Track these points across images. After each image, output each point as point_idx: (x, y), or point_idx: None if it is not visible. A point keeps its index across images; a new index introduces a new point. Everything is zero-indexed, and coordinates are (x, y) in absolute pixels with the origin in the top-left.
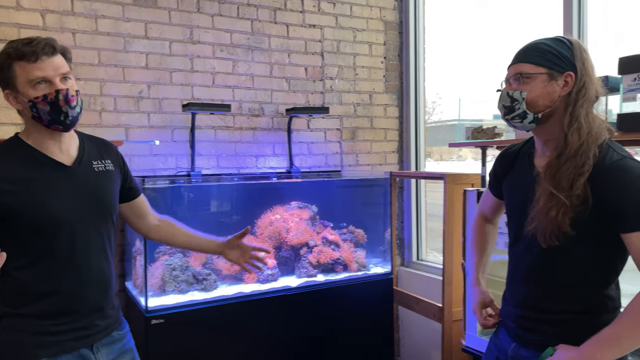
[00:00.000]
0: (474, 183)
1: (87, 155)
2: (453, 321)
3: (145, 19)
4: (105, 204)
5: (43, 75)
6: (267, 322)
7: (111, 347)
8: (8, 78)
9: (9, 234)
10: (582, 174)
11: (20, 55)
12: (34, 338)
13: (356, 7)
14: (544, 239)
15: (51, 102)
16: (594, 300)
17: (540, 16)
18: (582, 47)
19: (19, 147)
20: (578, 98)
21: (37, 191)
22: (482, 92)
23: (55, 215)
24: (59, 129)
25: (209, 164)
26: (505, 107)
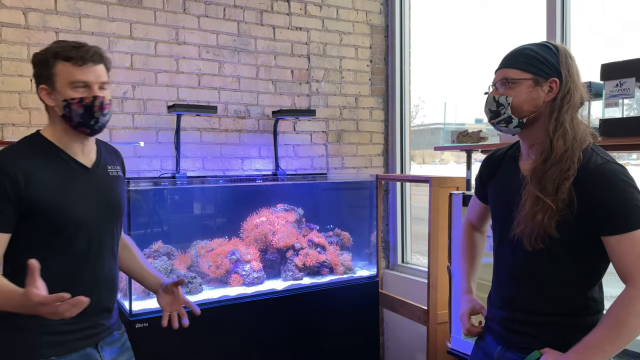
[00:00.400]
0: (459, 186)
1: (104, 159)
2: (438, 324)
3: (130, 19)
4: (118, 207)
5: (85, 80)
6: (253, 325)
7: (113, 346)
8: (49, 75)
9: (28, 230)
10: (568, 178)
11: (67, 56)
12: (43, 338)
13: (342, 11)
14: (529, 242)
15: (86, 105)
16: (577, 302)
17: (524, 21)
18: (567, 53)
19: (43, 144)
20: (563, 104)
21: (61, 190)
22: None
23: (76, 215)
24: (85, 132)
25: (194, 166)
26: (491, 112)
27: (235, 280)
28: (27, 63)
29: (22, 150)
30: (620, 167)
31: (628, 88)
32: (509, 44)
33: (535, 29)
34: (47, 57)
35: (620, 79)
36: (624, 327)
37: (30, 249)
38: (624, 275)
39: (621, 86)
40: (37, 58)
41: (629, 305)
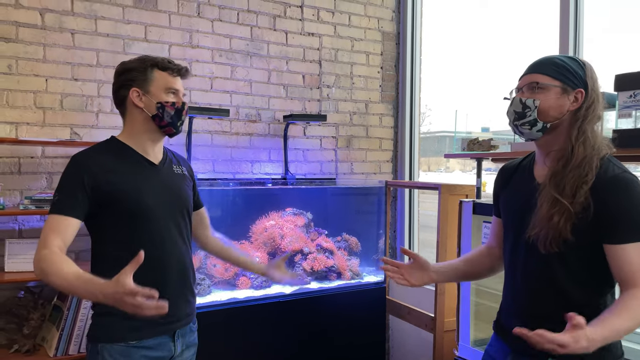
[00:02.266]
0: (468, 194)
1: (169, 159)
2: (445, 331)
3: (145, 22)
4: (184, 200)
5: (177, 88)
6: (260, 329)
7: (187, 338)
8: (146, 79)
9: (105, 218)
10: (586, 183)
11: (164, 67)
12: (124, 322)
13: (354, 17)
14: (544, 245)
15: (177, 109)
16: (590, 309)
17: (534, 33)
18: (593, 69)
19: (117, 146)
20: (587, 115)
21: (134, 182)
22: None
23: (145, 202)
24: (171, 131)
25: (205, 169)
26: (516, 113)
27: (243, 283)
28: (42, 63)
29: (98, 149)
30: (635, 177)
31: None
32: (518, 55)
33: (546, 42)
34: (146, 64)
35: (634, 90)
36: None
37: (107, 235)
38: (628, 281)
39: (635, 97)
40: (131, 65)
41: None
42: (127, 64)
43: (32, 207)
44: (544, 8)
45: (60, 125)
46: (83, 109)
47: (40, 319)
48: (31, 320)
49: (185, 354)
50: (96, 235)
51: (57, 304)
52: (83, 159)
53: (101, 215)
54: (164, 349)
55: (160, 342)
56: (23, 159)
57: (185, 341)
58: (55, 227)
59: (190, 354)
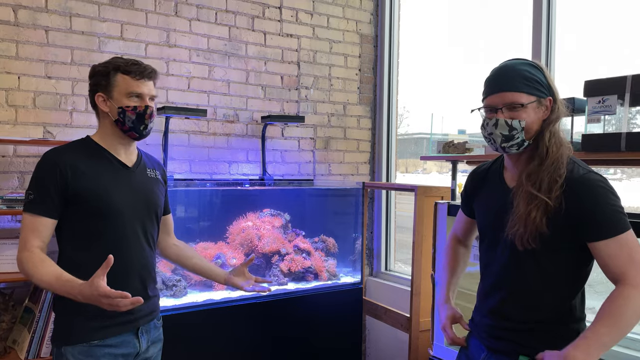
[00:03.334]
0: (443, 196)
1: (143, 163)
2: (420, 331)
3: (121, 20)
4: (154, 203)
5: (139, 92)
6: (237, 330)
7: (151, 333)
8: (107, 84)
9: (74, 217)
10: (560, 176)
11: (127, 71)
12: (85, 323)
13: (333, 19)
14: (521, 242)
15: (139, 113)
16: (561, 310)
17: (509, 35)
18: (547, 70)
19: (90, 146)
20: (557, 118)
21: (104, 182)
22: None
23: (114, 203)
24: (134, 136)
25: (182, 169)
26: (504, 136)
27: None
28: (15, 60)
29: (70, 148)
30: (600, 177)
31: (610, 105)
32: (493, 57)
33: (520, 44)
34: (108, 69)
35: (603, 95)
36: (621, 321)
37: (74, 235)
38: (615, 276)
39: (603, 103)
40: (97, 69)
41: (626, 301)
42: (95, 68)
43: (4, 207)
44: (518, 10)
45: (32, 123)
46: (57, 108)
47: (11, 321)
48: (2, 322)
49: (151, 349)
50: (62, 233)
51: (28, 305)
52: (55, 156)
53: (68, 213)
54: (129, 346)
55: (124, 340)
56: None
57: (150, 337)
58: (33, 227)
59: (156, 349)
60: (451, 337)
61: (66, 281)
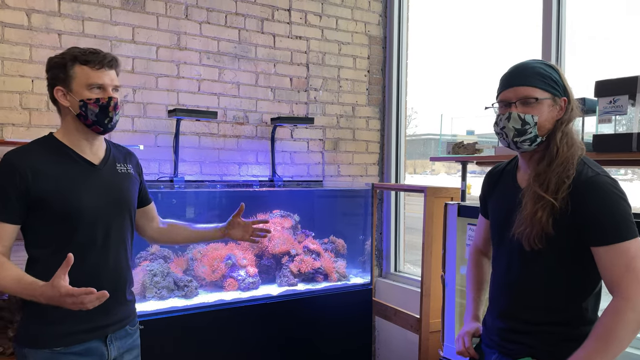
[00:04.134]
0: (453, 197)
1: (112, 158)
2: (430, 332)
3: (132, 23)
4: (125, 201)
5: (101, 83)
6: (248, 330)
7: (123, 341)
8: (66, 77)
9: (39, 221)
10: (568, 177)
11: (85, 60)
12: (49, 328)
13: (342, 21)
14: (528, 242)
15: (102, 105)
16: (571, 312)
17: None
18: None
19: (53, 144)
20: (570, 119)
21: (67, 184)
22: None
23: (81, 207)
24: (98, 130)
25: (192, 170)
26: (516, 129)
27: (230, 284)
28: (28, 64)
29: (32, 148)
30: (611, 180)
31: (621, 105)
32: (502, 58)
33: (529, 45)
34: (65, 60)
35: (614, 96)
36: (613, 338)
37: (38, 238)
38: (611, 286)
39: (614, 103)
40: (54, 61)
41: (615, 315)
42: (51, 60)
43: None
44: (528, 11)
45: (46, 126)
46: None
47: None
48: (16, 322)
49: (126, 356)
50: (28, 237)
51: None
52: (15, 158)
53: (32, 218)
54: (95, 354)
55: (90, 347)
56: None
57: (121, 344)
58: None
59: (131, 357)
60: (467, 346)
61: (28, 284)
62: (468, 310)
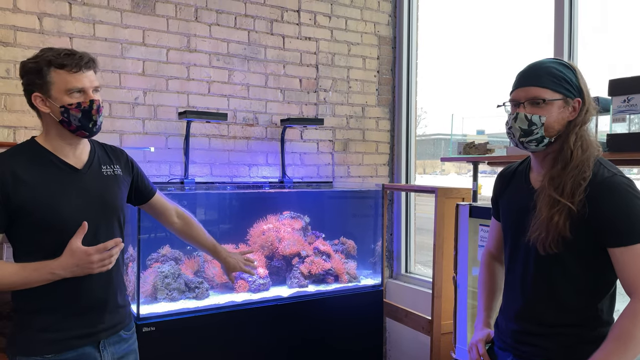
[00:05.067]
0: (464, 197)
1: (97, 160)
2: (442, 334)
3: (143, 26)
4: (111, 206)
5: (81, 86)
6: (258, 332)
7: (117, 347)
8: (43, 83)
9: (20, 231)
10: (584, 179)
11: (61, 64)
12: (41, 335)
13: (351, 22)
14: (543, 247)
15: (84, 110)
16: (587, 313)
17: (530, 36)
18: (581, 72)
19: (35, 149)
20: (584, 121)
21: (49, 192)
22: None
23: (63, 215)
24: (84, 134)
25: (203, 172)
26: (522, 130)
27: (241, 286)
28: None
29: (13, 154)
30: (627, 180)
31: (635, 104)
32: (513, 58)
33: (541, 44)
34: (40, 65)
35: (628, 94)
36: (631, 340)
37: (22, 248)
38: (629, 288)
39: (628, 102)
40: (28, 67)
41: (634, 317)
42: (25, 65)
43: None
44: (539, 11)
45: None
46: None
47: None
48: None
49: None
50: (15, 246)
51: None
52: None
53: (15, 226)
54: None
55: (82, 354)
56: None
57: (115, 350)
58: None
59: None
60: (482, 353)
61: (35, 267)
62: (479, 318)
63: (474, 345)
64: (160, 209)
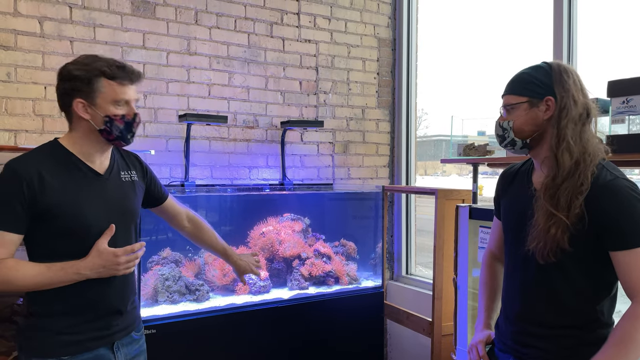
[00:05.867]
0: (464, 199)
1: (117, 166)
2: (443, 336)
3: (143, 29)
4: (130, 211)
5: (127, 99)
6: (259, 334)
7: (129, 348)
8: (90, 91)
9: (39, 235)
10: (581, 193)
11: (113, 76)
12: (56, 337)
13: (351, 24)
14: (542, 256)
15: (127, 122)
16: (587, 316)
17: (530, 37)
18: (563, 69)
19: (59, 152)
20: (560, 119)
21: (74, 196)
22: (467, 108)
23: (86, 220)
24: (121, 144)
25: (203, 175)
26: (499, 136)
27: (241, 288)
28: (41, 71)
29: (37, 156)
30: (630, 183)
31: (635, 105)
32: (513, 59)
33: (541, 44)
34: (91, 74)
35: (627, 95)
36: (632, 343)
37: (39, 251)
38: (630, 291)
39: (628, 103)
40: (75, 73)
41: (635, 320)
42: (72, 70)
43: None
44: (539, 13)
45: (59, 132)
46: None
47: None
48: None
49: None
50: (32, 249)
51: None
52: (20, 167)
53: (37, 230)
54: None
55: (97, 355)
56: None
57: (128, 351)
58: None
59: None
60: (482, 355)
61: (61, 267)
62: (480, 319)
63: (473, 346)
64: (171, 213)
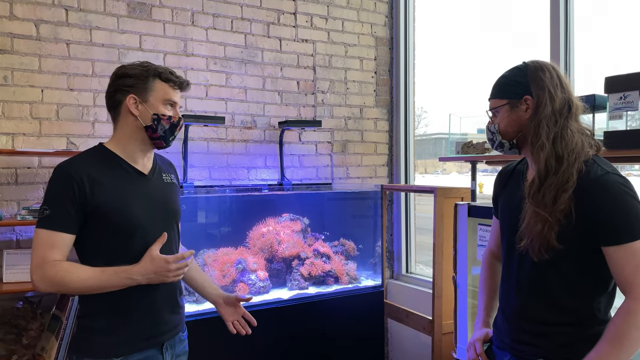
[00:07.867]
0: (463, 197)
1: (159, 168)
2: (443, 334)
3: (139, 31)
4: (173, 210)
5: (175, 101)
6: (259, 334)
7: (176, 348)
8: (145, 88)
9: (88, 234)
10: (566, 190)
11: (167, 78)
12: (110, 338)
13: (348, 23)
14: (534, 253)
15: (172, 123)
16: (583, 312)
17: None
18: (539, 66)
19: (105, 154)
20: (539, 116)
21: (121, 195)
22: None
23: (134, 217)
24: (162, 145)
25: (201, 176)
26: (489, 140)
27: (241, 289)
28: (38, 74)
29: (86, 158)
30: (621, 178)
31: (632, 101)
32: (511, 57)
33: (538, 41)
34: (148, 73)
35: (624, 91)
36: (626, 339)
37: (88, 251)
38: (623, 286)
39: (625, 99)
40: (133, 71)
41: (628, 317)
42: (129, 69)
43: (30, 218)
44: (536, 9)
45: (56, 135)
46: (79, 119)
47: (39, 328)
48: (30, 330)
49: None
50: (82, 248)
51: (55, 313)
52: (70, 168)
53: (87, 228)
54: None
55: (148, 356)
56: (20, 170)
57: (174, 352)
58: (50, 243)
59: None
60: (479, 352)
61: (114, 271)
62: (479, 317)
63: (472, 344)
64: None
